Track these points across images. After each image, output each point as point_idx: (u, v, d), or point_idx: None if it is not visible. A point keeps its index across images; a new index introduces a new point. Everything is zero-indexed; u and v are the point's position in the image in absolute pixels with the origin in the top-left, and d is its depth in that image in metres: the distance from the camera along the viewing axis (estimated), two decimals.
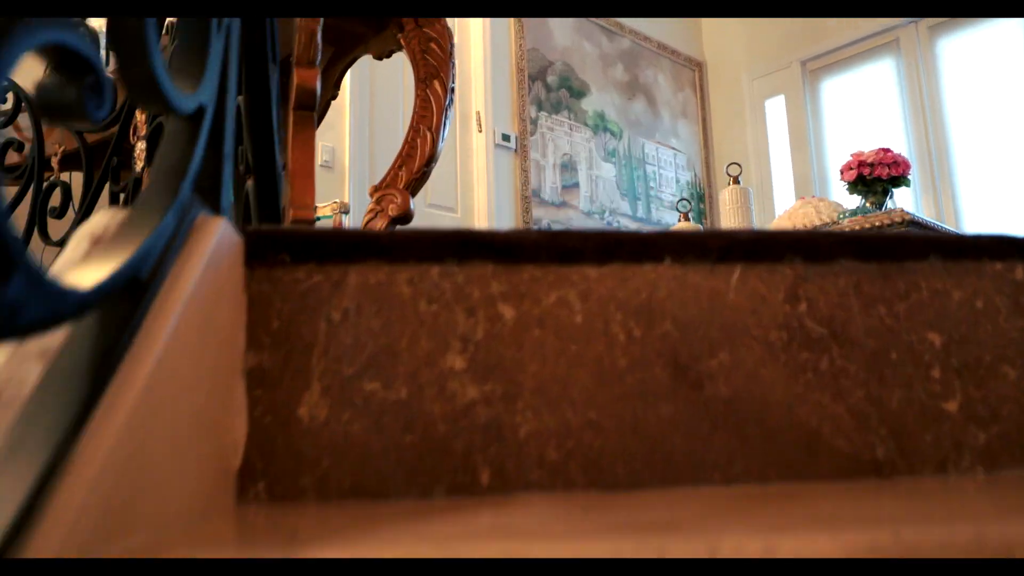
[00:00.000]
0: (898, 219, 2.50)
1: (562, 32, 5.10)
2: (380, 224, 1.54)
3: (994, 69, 4.91)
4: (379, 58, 1.74)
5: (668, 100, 5.86)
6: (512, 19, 4.77)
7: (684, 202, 4.00)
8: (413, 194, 1.56)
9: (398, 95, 4.22)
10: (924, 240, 0.61)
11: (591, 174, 5.08)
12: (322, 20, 1.01)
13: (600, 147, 5.19)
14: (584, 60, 5.22)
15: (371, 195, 1.55)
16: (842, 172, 3.26)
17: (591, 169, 5.08)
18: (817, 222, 2.99)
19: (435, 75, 1.58)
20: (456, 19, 4.59)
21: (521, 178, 4.60)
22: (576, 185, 4.96)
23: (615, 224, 5.15)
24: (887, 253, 0.60)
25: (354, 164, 3.84)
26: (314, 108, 0.98)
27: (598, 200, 5.07)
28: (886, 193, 3.19)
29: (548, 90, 4.92)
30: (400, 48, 1.66)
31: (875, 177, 3.16)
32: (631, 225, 5.27)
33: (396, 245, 0.56)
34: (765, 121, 5.99)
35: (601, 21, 5.39)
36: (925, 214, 5.07)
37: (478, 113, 4.52)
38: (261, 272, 0.54)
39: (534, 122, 4.78)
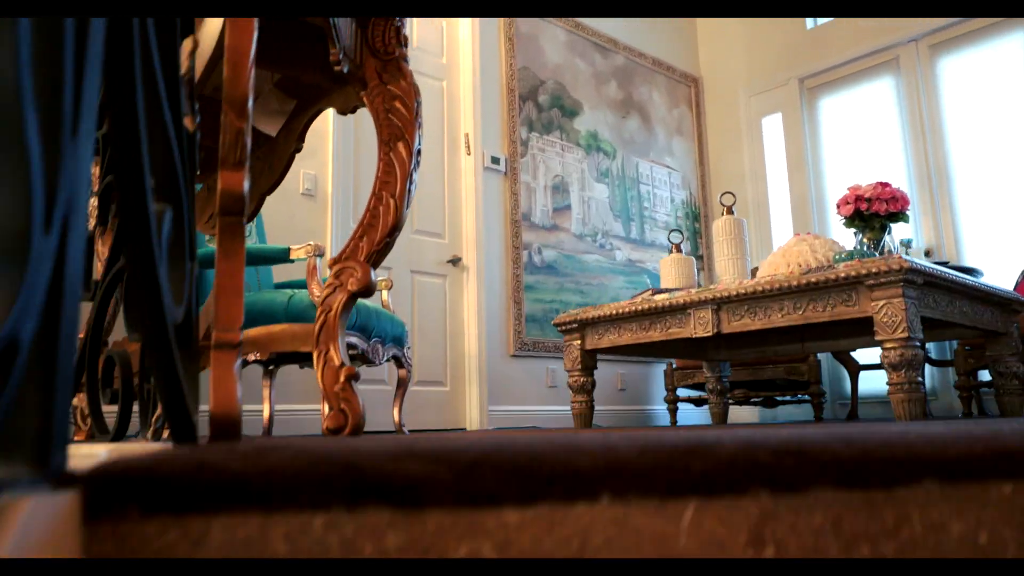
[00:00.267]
0: (895, 266, 2.40)
1: (554, 49, 5.00)
2: (339, 299, 1.44)
3: (995, 89, 4.81)
4: (343, 113, 1.64)
5: (663, 117, 5.76)
6: (503, 37, 4.67)
7: (676, 233, 3.90)
8: (375, 265, 1.46)
9: None
10: (918, 460, 0.52)
11: (583, 195, 4.98)
12: (250, 120, 0.91)
13: (593, 167, 5.09)
14: (576, 78, 5.12)
15: (330, 267, 1.45)
16: (839, 206, 3.16)
17: (583, 190, 4.98)
18: (812, 262, 2.89)
19: (399, 137, 1.48)
20: (445, 40, 4.49)
21: (511, 201, 4.50)
22: (568, 207, 4.86)
23: (608, 246, 5.05)
24: (873, 479, 0.50)
25: (337, 192, 3.74)
26: (242, 213, 0.89)
27: (590, 222, 4.97)
28: (884, 229, 3.09)
29: (539, 110, 4.82)
30: (364, 105, 1.57)
31: (872, 213, 3.06)
32: (625, 247, 5.17)
33: (273, 490, 0.46)
34: (762, 139, 5.89)
35: (594, 37, 5.30)
36: (924, 235, 4.98)
37: (467, 135, 4.42)
38: (105, 529, 0.44)
39: (524, 143, 4.68)
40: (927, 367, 4.68)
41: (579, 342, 3.40)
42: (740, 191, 5.92)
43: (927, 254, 4.95)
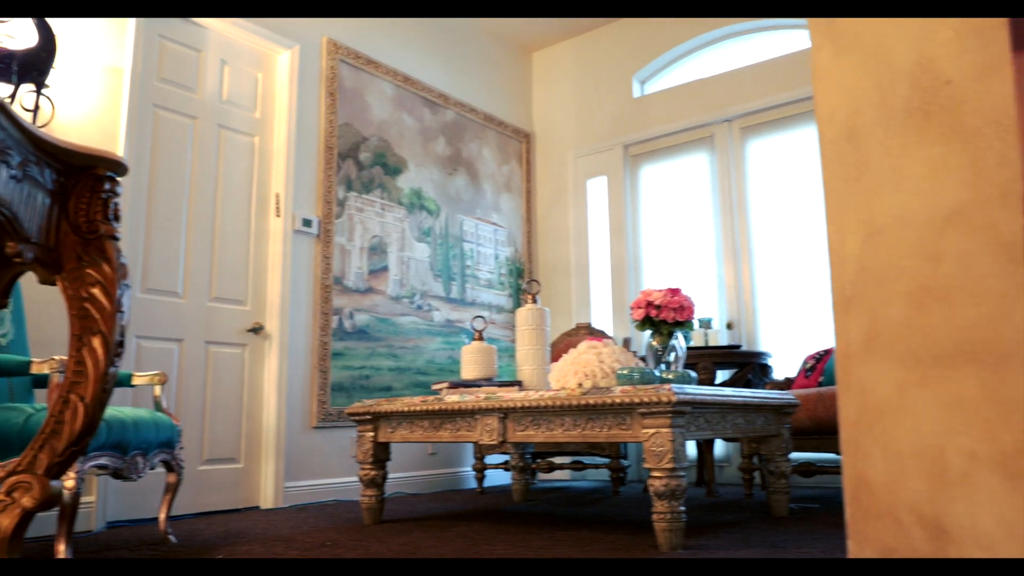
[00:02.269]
0: (665, 398, 2.47)
1: (380, 105, 4.89)
2: (12, 517, 1.28)
3: (792, 174, 5.13)
4: (43, 283, 1.47)
5: (492, 173, 5.78)
6: (323, 92, 4.51)
7: (479, 319, 3.89)
8: (59, 476, 1.31)
9: (182, 183, 3.86)
10: None
11: (402, 256, 4.89)
12: None
13: (414, 226, 5.02)
14: (403, 134, 5.03)
15: (2, 479, 1.29)
16: (632, 309, 3.24)
17: (403, 251, 4.90)
18: (598, 373, 2.93)
19: (95, 331, 1.33)
20: (260, 93, 4.29)
21: (322, 266, 4.34)
22: (385, 269, 4.76)
23: (426, 307, 4.99)
24: None
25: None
26: None
27: (408, 283, 4.89)
28: (671, 335, 3.19)
29: (360, 168, 4.69)
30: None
31: (661, 320, 3.16)
32: (444, 307, 5.13)
33: None
34: (587, 200, 6.03)
35: (424, 92, 5.23)
36: (728, 308, 5.22)
37: (277, 196, 4.22)
38: None
39: (341, 203, 4.54)
40: (718, 439, 4.91)
41: (372, 434, 3.31)
42: (564, 250, 6.03)
43: (729, 327, 5.21)
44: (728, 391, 2.88)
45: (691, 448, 4.92)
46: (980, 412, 0.88)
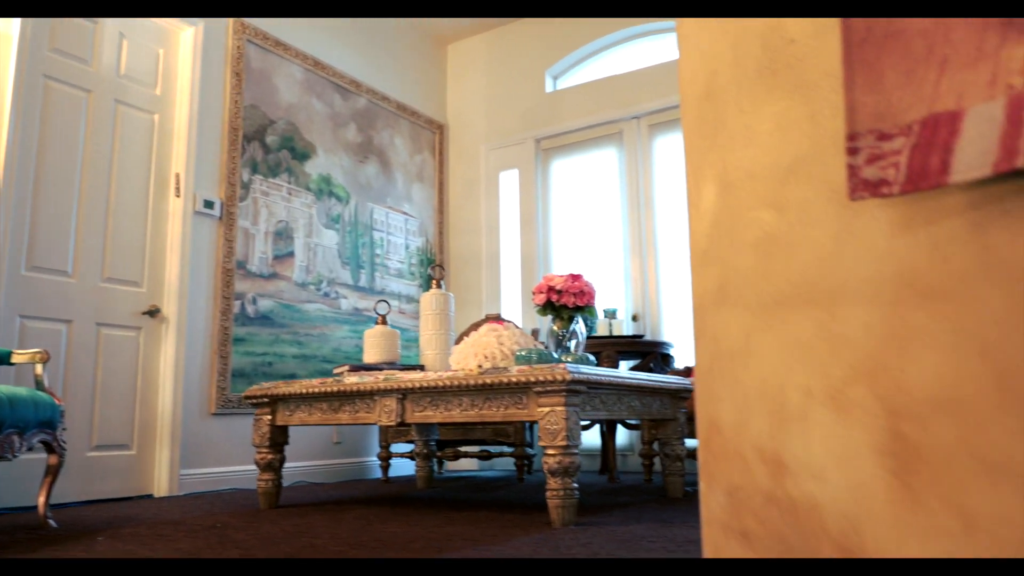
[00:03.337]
0: (559, 377, 2.52)
1: (289, 88, 4.81)
2: None
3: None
4: None
5: (404, 163, 5.75)
6: (229, 72, 4.41)
7: (383, 303, 3.87)
8: None
9: (74, 158, 3.71)
10: None
11: (309, 242, 4.82)
12: None
13: (323, 213, 4.95)
14: (312, 119, 4.96)
15: None
16: (534, 294, 3.28)
17: (310, 237, 4.83)
18: (498, 355, 2.96)
19: None
20: (160, 70, 4.15)
21: (224, 248, 4.24)
22: (291, 254, 4.68)
23: (333, 295, 4.92)
24: None
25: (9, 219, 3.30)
26: None
27: (315, 270, 4.82)
28: (571, 319, 3.25)
29: (267, 151, 4.60)
30: None
31: (562, 304, 3.20)
32: (352, 295, 5.08)
33: None
34: (499, 192, 6.06)
35: (335, 78, 5.17)
36: (634, 300, 5.34)
37: (177, 175, 4.10)
38: None
39: (246, 186, 4.44)
40: (621, 428, 5.01)
41: (269, 417, 3.25)
42: (475, 241, 6.04)
43: (635, 319, 5.32)
44: (623, 373, 2.94)
45: (595, 437, 5.00)
46: (814, 350, 0.93)
